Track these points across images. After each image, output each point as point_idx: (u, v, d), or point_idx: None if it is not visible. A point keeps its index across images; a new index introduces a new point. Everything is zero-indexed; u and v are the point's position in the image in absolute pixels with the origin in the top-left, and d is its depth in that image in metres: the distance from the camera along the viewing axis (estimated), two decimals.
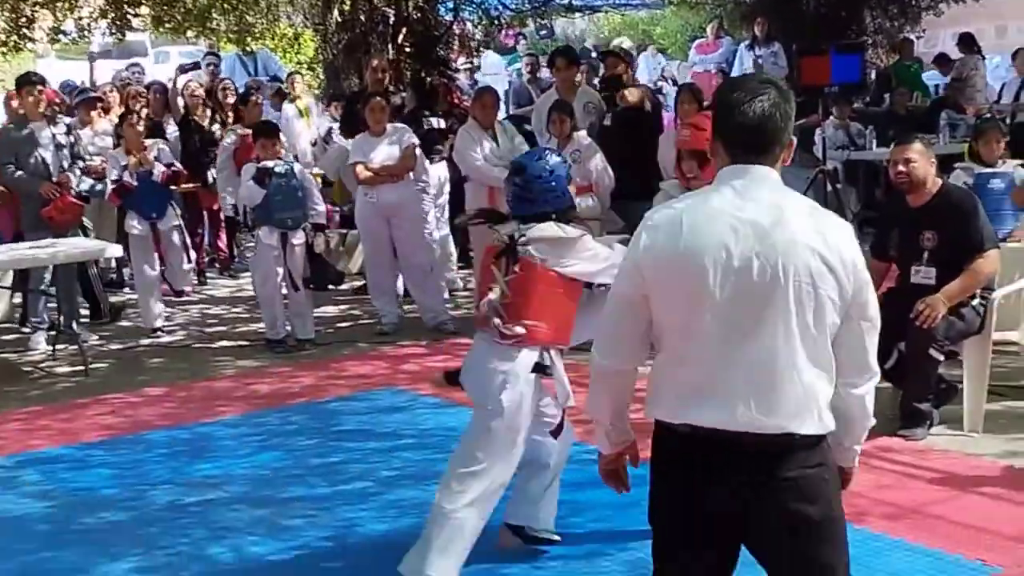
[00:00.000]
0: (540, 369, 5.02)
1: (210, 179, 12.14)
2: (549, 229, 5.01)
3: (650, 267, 3.29)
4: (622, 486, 3.72)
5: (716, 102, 3.44)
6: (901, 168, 6.84)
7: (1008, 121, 13.37)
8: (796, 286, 3.18)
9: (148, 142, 10.66)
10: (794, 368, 3.21)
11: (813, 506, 3.26)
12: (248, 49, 15.69)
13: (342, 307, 11.30)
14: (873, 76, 16.41)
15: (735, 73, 16.25)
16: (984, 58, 16.59)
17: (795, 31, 15.86)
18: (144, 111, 12.32)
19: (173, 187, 10.79)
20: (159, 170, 10.38)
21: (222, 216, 12.87)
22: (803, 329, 3.20)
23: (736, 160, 3.31)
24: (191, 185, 11.86)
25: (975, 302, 6.74)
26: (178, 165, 10.77)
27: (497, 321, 4.95)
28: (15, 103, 11.47)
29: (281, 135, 10.12)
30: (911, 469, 6.25)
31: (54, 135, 10.09)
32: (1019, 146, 11.08)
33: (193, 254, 11.77)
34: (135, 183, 10.28)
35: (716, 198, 3.28)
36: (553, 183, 5.08)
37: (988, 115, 12.84)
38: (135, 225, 10.46)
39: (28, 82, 10.26)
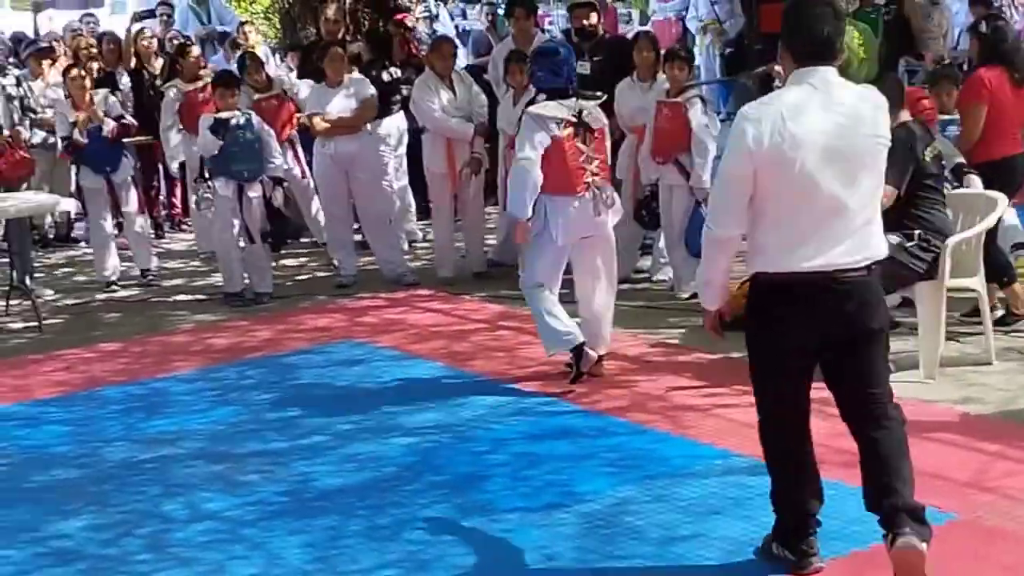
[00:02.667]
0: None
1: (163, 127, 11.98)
2: (592, 102, 7.04)
3: (760, 151, 4.20)
4: (720, 334, 4.76)
5: (787, 22, 4.38)
6: None
7: (964, 68, 13.32)
8: (869, 154, 4.30)
9: (97, 94, 10.45)
10: (872, 215, 4.34)
11: (880, 320, 4.42)
12: None
13: (300, 260, 11.22)
14: None
15: (690, 19, 16.11)
16: (936, 3, 16.48)
17: None
18: (95, 63, 12.11)
19: (126, 139, 10.59)
20: (109, 126, 10.19)
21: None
22: (873, 185, 4.34)
23: (804, 65, 4.31)
24: (144, 137, 11.62)
25: (910, 244, 6.68)
26: (128, 118, 10.53)
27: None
28: None
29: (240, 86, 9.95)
30: None
31: (3, 86, 9.98)
32: None
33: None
34: (85, 140, 10.09)
35: (801, 93, 4.28)
36: (572, 67, 7.14)
37: (946, 62, 12.80)
38: (89, 179, 10.32)
39: None
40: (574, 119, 6.89)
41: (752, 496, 5.26)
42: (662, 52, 9.36)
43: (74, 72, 10.38)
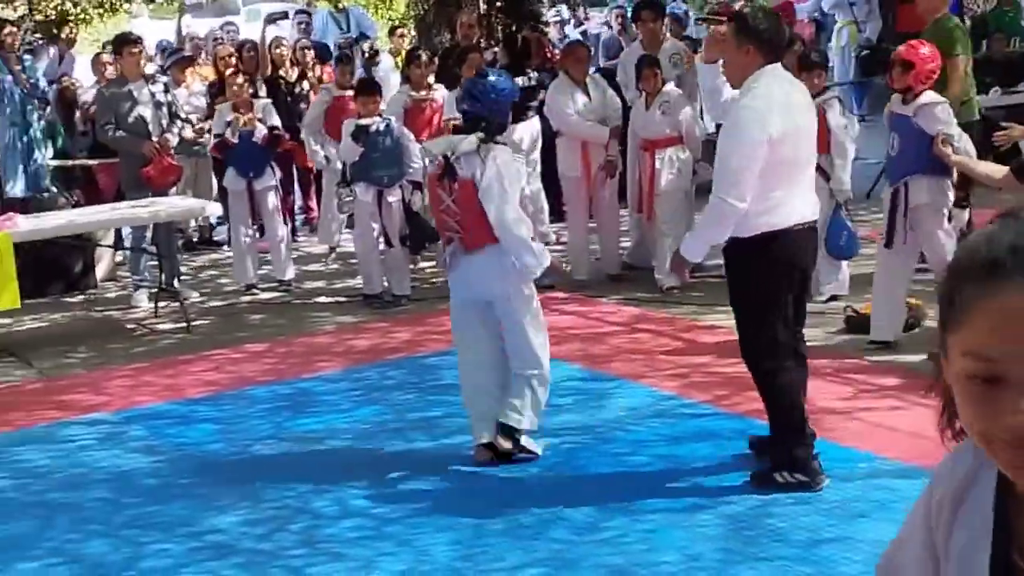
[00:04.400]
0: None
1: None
2: (468, 143, 5.90)
3: (774, 135, 5.23)
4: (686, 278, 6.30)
5: (760, 27, 5.41)
6: None
7: None
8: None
9: (257, 102, 10.76)
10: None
11: None
12: (340, 6, 15.74)
13: (437, 262, 11.35)
14: (969, 22, 16.07)
15: (839, 18, 15.91)
16: None
17: None
18: (231, 70, 12.41)
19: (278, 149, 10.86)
20: (261, 131, 10.48)
21: (312, 176, 12.98)
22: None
23: (771, 62, 5.39)
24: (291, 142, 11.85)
25: None
26: (281, 129, 10.82)
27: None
28: (112, 67, 11.70)
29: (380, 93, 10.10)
30: None
31: (153, 93, 10.24)
32: None
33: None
34: (236, 140, 10.39)
35: (781, 85, 5.41)
36: (501, 99, 6.07)
37: None
38: (232, 182, 10.60)
39: (127, 41, 10.42)
40: (442, 161, 6.01)
41: (898, 500, 5.25)
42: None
43: (239, 79, 10.70)
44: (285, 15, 14.64)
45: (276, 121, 10.71)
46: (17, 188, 11.78)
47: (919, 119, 7.24)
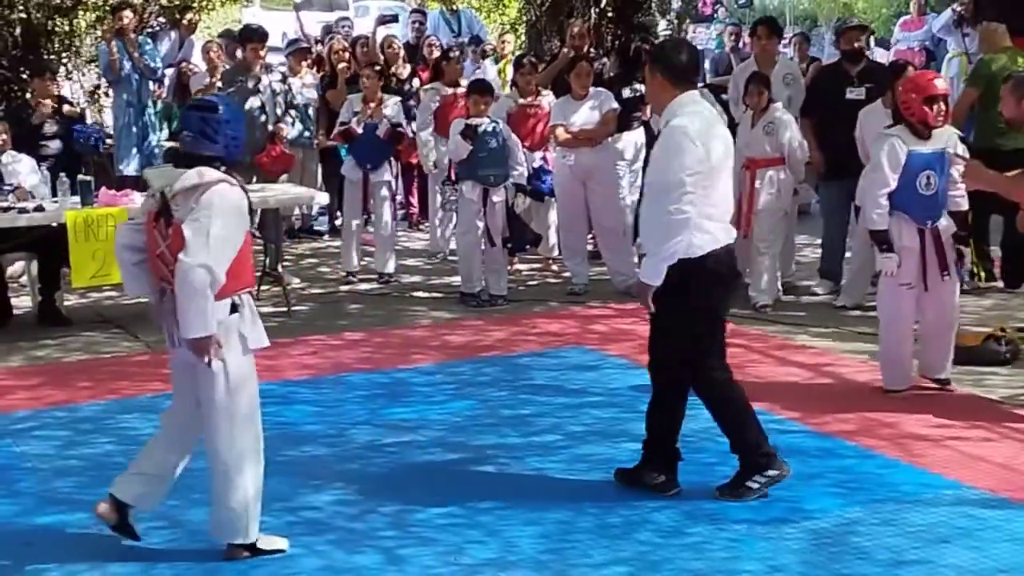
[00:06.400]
0: (235, 309, 5.13)
1: (409, 133, 12.42)
2: (188, 178, 4.90)
3: (708, 158, 5.44)
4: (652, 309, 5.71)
5: (671, 59, 5.65)
6: None
7: None
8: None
9: (388, 98, 10.99)
10: None
11: None
12: (453, 7, 15.94)
13: (534, 266, 11.50)
14: None
15: (949, 51, 15.78)
16: None
17: (1012, 7, 15.28)
18: (343, 64, 12.66)
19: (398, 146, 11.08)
20: (384, 126, 10.70)
21: (415, 172, 13.15)
22: None
23: (684, 90, 5.59)
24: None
25: None
26: (405, 126, 11.04)
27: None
28: (217, 57, 12.01)
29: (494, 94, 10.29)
30: None
31: (270, 82, 10.52)
32: None
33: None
34: (360, 131, 10.62)
35: (705, 109, 5.65)
36: (238, 133, 5.16)
37: None
38: (350, 171, 10.84)
39: (254, 37, 10.72)
40: (158, 198, 5.00)
41: (983, 528, 5.30)
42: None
43: (369, 71, 10.97)
44: (395, 18, 14.82)
45: (402, 119, 10.94)
46: (131, 167, 12.14)
47: (959, 151, 7.20)
